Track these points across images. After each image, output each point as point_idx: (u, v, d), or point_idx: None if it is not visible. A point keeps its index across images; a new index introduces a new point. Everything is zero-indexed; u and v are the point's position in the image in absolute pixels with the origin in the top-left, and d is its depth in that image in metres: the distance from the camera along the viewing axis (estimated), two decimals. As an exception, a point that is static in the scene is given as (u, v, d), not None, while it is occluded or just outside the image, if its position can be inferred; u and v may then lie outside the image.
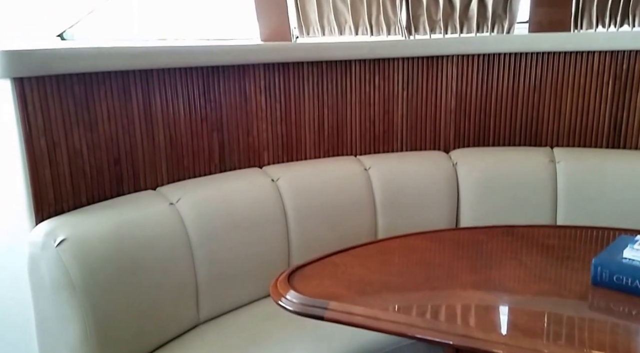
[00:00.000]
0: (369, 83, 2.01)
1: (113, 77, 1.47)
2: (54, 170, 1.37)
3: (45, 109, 1.34)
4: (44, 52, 1.34)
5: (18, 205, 1.35)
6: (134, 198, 1.52)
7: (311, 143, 1.98)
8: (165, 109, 1.62)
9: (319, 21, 2.26)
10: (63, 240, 1.27)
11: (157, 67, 1.57)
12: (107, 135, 1.48)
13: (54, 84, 1.35)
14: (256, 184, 1.76)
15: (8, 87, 1.28)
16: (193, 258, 1.52)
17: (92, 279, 1.29)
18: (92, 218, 1.38)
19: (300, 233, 1.77)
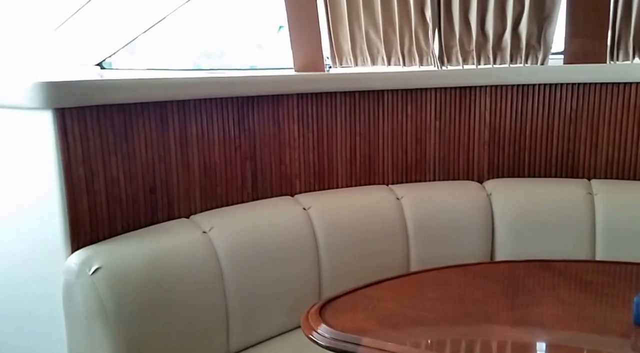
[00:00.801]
0: (401, 113, 2.01)
1: (151, 107, 1.51)
2: (91, 198, 1.40)
3: (84, 139, 1.37)
4: (85, 83, 1.38)
5: (55, 232, 1.37)
6: (168, 227, 1.53)
7: (343, 172, 1.98)
8: (201, 138, 1.65)
9: (352, 51, 2.29)
10: (98, 268, 1.29)
11: (193, 98, 1.61)
12: (143, 164, 1.51)
13: (94, 115, 1.39)
14: (288, 213, 1.76)
15: (49, 117, 1.31)
16: (224, 287, 1.53)
17: (125, 308, 1.30)
18: (127, 246, 1.40)
19: (331, 263, 1.76)
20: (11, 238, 1.51)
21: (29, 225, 1.45)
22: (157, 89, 1.52)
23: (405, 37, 2.22)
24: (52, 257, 1.39)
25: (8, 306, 1.57)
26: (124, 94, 1.44)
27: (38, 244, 1.43)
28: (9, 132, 1.44)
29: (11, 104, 1.37)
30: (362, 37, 2.25)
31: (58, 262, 1.36)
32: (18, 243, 1.49)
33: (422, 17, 2.18)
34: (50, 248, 1.39)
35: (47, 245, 1.40)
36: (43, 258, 1.43)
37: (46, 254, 1.41)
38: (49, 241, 1.39)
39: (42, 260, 1.44)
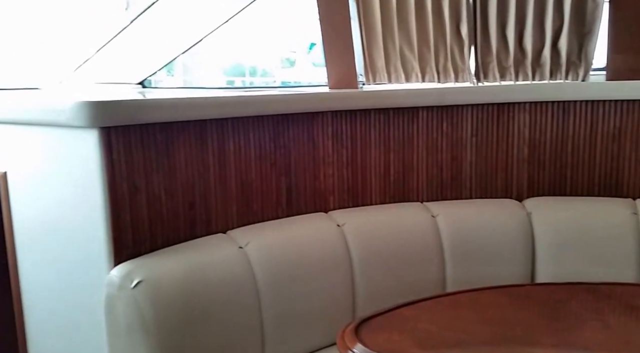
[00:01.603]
0: (437, 129, 1.99)
1: (191, 125, 1.54)
2: (133, 213, 1.43)
3: (128, 156, 1.41)
4: (129, 103, 1.43)
5: (99, 246, 1.41)
6: (205, 242, 1.56)
7: (377, 188, 1.97)
8: (238, 155, 1.67)
9: (386, 68, 2.28)
10: (139, 282, 1.32)
11: (231, 116, 1.64)
12: (183, 181, 1.54)
13: (137, 133, 1.43)
14: (322, 229, 1.76)
15: (95, 136, 1.36)
16: (260, 302, 1.53)
17: (165, 322, 1.32)
18: (167, 261, 1.42)
19: (365, 280, 1.74)
20: (57, 250, 1.56)
21: (75, 238, 1.49)
22: (196, 108, 1.56)
23: (440, 53, 2.20)
24: (96, 270, 1.42)
25: (53, 316, 1.61)
26: (165, 112, 1.48)
27: (82, 257, 1.47)
28: (56, 149, 1.49)
29: (58, 123, 1.42)
30: (396, 54, 2.25)
31: (101, 275, 1.39)
32: (64, 256, 1.54)
33: (458, 34, 2.17)
34: (94, 261, 1.42)
35: (91, 258, 1.44)
36: (87, 270, 1.47)
37: (90, 267, 1.45)
38: (93, 254, 1.42)
39: (86, 273, 1.47)
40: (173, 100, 1.53)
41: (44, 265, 1.61)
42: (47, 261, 1.59)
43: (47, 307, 1.63)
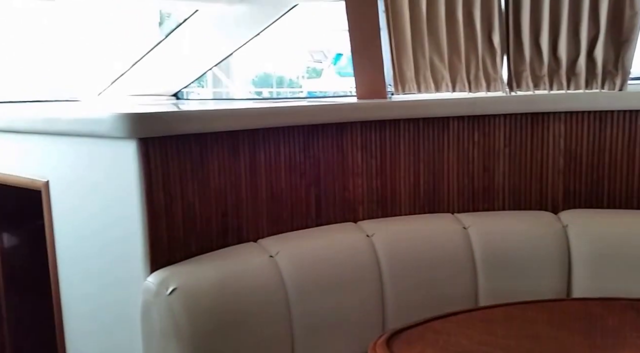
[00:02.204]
0: (468, 139, 1.96)
1: (224, 136, 1.57)
2: (169, 222, 1.47)
3: (164, 167, 1.45)
4: (166, 115, 1.48)
5: (136, 253, 1.45)
6: (237, 250, 1.57)
7: (406, 199, 1.95)
8: (268, 165, 1.68)
9: (415, 78, 2.27)
10: (174, 289, 1.34)
11: (262, 127, 1.66)
12: (216, 190, 1.57)
13: (173, 144, 1.47)
14: (351, 239, 1.75)
15: (134, 147, 1.40)
16: (290, 312, 1.53)
17: (198, 329, 1.34)
18: (200, 268, 1.44)
19: (395, 291, 1.72)
20: (96, 257, 1.60)
21: (113, 245, 1.53)
22: (229, 119, 1.60)
23: (472, 62, 2.18)
24: (133, 277, 1.45)
25: (91, 321, 1.64)
26: (200, 124, 1.52)
27: (120, 264, 1.51)
28: (96, 159, 1.54)
29: (98, 134, 1.47)
30: (426, 63, 2.23)
31: (138, 282, 1.43)
32: (102, 263, 1.58)
33: (490, 42, 2.14)
34: (131, 268, 1.46)
35: (128, 264, 1.47)
36: (124, 277, 1.51)
37: (127, 274, 1.49)
38: (130, 261, 1.46)
39: (123, 279, 1.51)
40: (207, 112, 1.57)
41: (82, 271, 1.65)
42: (86, 267, 1.64)
43: (86, 311, 1.67)
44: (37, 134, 1.68)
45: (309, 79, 15.32)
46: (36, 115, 1.70)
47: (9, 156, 1.83)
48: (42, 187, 1.67)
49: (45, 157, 1.69)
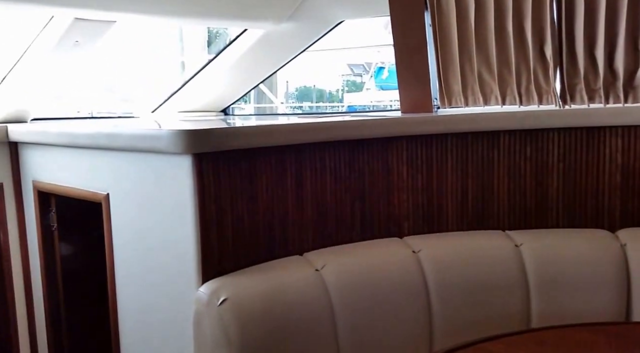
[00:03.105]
0: (519, 154, 1.91)
1: (272, 151, 1.60)
2: (220, 234, 1.51)
3: (216, 181, 1.49)
4: (218, 131, 1.54)
5: (189, 263, 1.49)
6: (283, 263, 1.59)
7: (454, 215, 1.91)
8: (314, 179, 1.70)
9: (463, 91, 2.23)
10: (225, 299, 1.37)
11: (308, 142, 1.68)
12: (264, 204, 1.59)
13: (225, 159, 1.51)
14: (397, 255, 1.73)
15: (188, 162, 1.44)
16: (336, 326, 1.53)
17: (247, 340, 1.36)
18: (249, 280, 1.47)
19: (443, 310, 1.68)
20: (151, 267, 1.66)
21: (167, 255, 1.59)
22: (277, 135, 1.64)
23: (523, 75, 2.12)
24: (186, 286, 1.50)
25: (145, 328, 1.69)
26: (249, 139, 1.57)
27: (174, 274, 1.56)
28: (153, 173, 1.61)
29: (155, 149, 1.54)
30: (474, 77, 2.19)
31: (190, 292, 1.47)
32: (156, 272, 1.63)
33: (542, 55, 2.08)
34: (184, 278, 1.50)
35: (181, 275, 1.52)
36: (177, 286, 1.55)
37: (180, 283, 1.53)
38: (183, 271, 1.51)
39: (176, 288, 1.56)
40: (256, 128, 1.61)
41: (138, 279, 1.71)
42: (141, 276, 1.69)
43: (140, 318, 1.72)
44: (99, 149, 1.76)
45: (348, 92, 15.41)
46: (98, 132, 1.79)
47: (73, 170, 1.92)
48: (102, 199, 1.75)
49: (106, 171, 1.77)
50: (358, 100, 13.02)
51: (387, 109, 7.11)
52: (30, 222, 2.16)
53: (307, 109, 12.79)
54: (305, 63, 9.56)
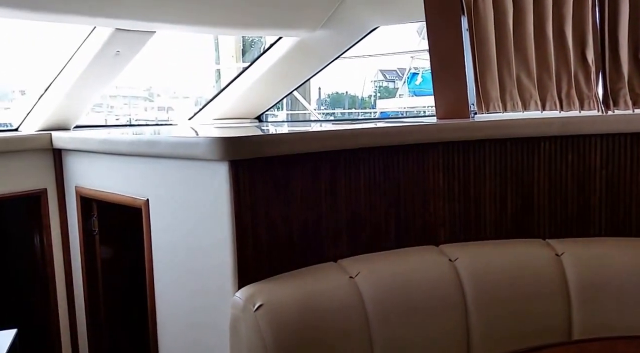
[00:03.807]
0: (560, 161, 1.85)
1: (306, 158, 1.61)
2: (255, 240, 1.52)
3: (252, 187, 1.51)
4: (254, 138, 1.56)
5: (225, 269, 1.51)
6: (318, 270, 1.59)
7: (492, 222, 1.87)
8: (348, 186, 1.69)
9: (501, 97, 2.19)
10: (261, 305, 1.38)
11: (343, 148, 1.67)
12: (298, 211, 1.60)
13: (260, 166, 1.52)
14: (433, 263, 1.70)
15: (225, 168, 1.46)
16: (370, 333, 1.51)
17: (282, 345, 1.37)
18: (283, 286, 1.48)
19: (481, 320, 1.64)
20: (188, 271, 1.68)
21: (204, 260, 1.61)
22: (311, 142, 1.64)
23: (563, 80, 2.07)
24: (222, 291, 1.52)
25: (182, 329, 1.72)
26: (284, 146, 1.58)
27: (210, 278, 1.58)
28: (191, 180, 1.63)
29: (193, 156, 1.57)
30: (513, 82, 2.15)
31: (226, 296, 1.48)
32: (193, 277, 1.66)
33: (583, 59, 2.02)
34: (220, 283, 1.52)
35: (217, 279, 1.54)
36: (214, 290, 1.57)
37: (216, 287, 1.55)
38: (220, 276, 1.53)
39: (213, 292, 1.58)
40: (290, 135, 1.62)
41: (176, 282, 1.74)
42: (179, 279, 1.72)
43: (178, 320, 1.75)
44: (139, 156, 1.81)
45: (380, 99, 15.33)
46: (139, 139, 1.84)
47: (114, 176, 1.98)
48: (142, 205, 1.79)
49: (145, 177, 1.81)
50: (391, 107, 12.95)
51: (421, 115, 7.04)
52: (73, 227, 2.22)
53: (339, 115, 12.81)
54: (337, 70, 9.60)
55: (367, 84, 14.87)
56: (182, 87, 8.57)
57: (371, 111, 13.93)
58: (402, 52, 11.44)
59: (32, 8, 1.90)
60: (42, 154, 2.22)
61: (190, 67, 7.36)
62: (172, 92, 12.46)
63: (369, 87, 15.38)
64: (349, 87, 14.82)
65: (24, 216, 2.24)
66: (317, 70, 2.92)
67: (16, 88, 16.08)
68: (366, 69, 13.99)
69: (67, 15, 1.99)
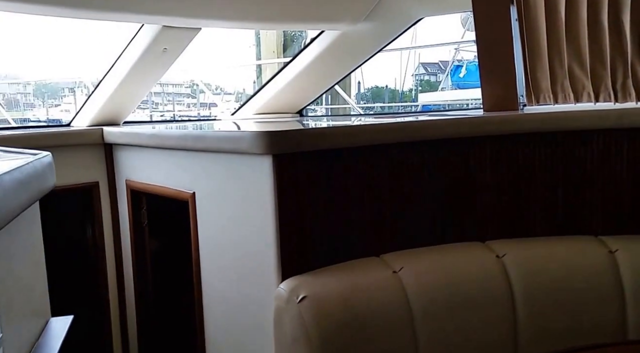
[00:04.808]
0: (615, 154, 1.78)
1: (350, 152, 1.60)
2: (299, 233, 1.53)
3: (295, 181, 1.52)
4: (297, 132, 1.56)
5: (269, 261, 1.53)
6: (360, 264, 1.58)
7: (541, 218, 1.81)
8: (392, 179, 1.68)
9: (552, 88, 2.12)
10: (304, 297, 1.39)
11: (386, 142, 1.67)
12: (341, 205, 1.59)
13: (304, 159, 1.53)
14: (480, 259, 1.67)
15: (269, 162, 1.48)
16: (414, 329, 1.50)
17: (326, 337, 1.37)
18: (326, 279, 1.48)
19: (530, 317, 1.60)
20: (233, 263, 1.72)
21: (248, 252, 1.63)
22: (355, 135, 1.64)
23: (619, 71, 1.98)
24: (266, 283, 1.54)
25: (227, 321, 1.76)
26: (328, 140, 1.58)
27: (254, 269, 1.60)
28: (235, 173, 1.66)
29: (238, 150, 1.59)
30: (564, 72, 2.07)
31: (270, 288, 1.50)
32: (238, 267, 1.69)
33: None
34: (265, 275, 1.54)
35: (262, 271, 1.56)
36: (258, 282, 1.59)
37: (261, 279, 1.57)
38: (264, 268, 1.54)
39: (257, 284, 1.60)
40: (333, 129, 1.62)
41: (221, 273, 1.77)
42: (224, 270, 1.76)
43: (223, 309, 1.79)
44: (186, 150, 1.85)
45: (422, 92, 15.09)
46: (186, 134, 1.88)
47: (162, 170, 2.03)
48: (189, 198, 1.83)
49: (192, 171, 1.85)
50: (433, 100, 12.73)
51: (464, 108, 6.89)
52: (123, 218, 2.30)
53: (379, 109, 12.73)
54: (376, 64, 9.53)
55: (407, 78, 14.69)
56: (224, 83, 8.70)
57: (412, 105, 13.75)
58: (446, 44, 11.22)
59: (80, 6, 1.96)
60: (94, 149, 2.31)
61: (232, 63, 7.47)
62: (214, 89, 12.66)
63: (410, 80, 15.19)
64: (389, 81, 14.67)
65: (77, 208, 2.33)
66: (359, 63, 2.90)
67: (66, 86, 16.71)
68: (407, 63, 13.81)
69: (115, 13, 2.05)
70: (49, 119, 14.74)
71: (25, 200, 0.86)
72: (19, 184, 0.82)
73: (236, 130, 1.87)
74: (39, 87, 17.52)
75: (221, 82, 8.42)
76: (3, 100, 14.58)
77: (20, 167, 0.85)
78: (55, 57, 22.66)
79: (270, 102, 3.06)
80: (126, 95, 2.45)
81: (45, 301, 1.11)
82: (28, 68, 24.96)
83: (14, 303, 0.89)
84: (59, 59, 17.96)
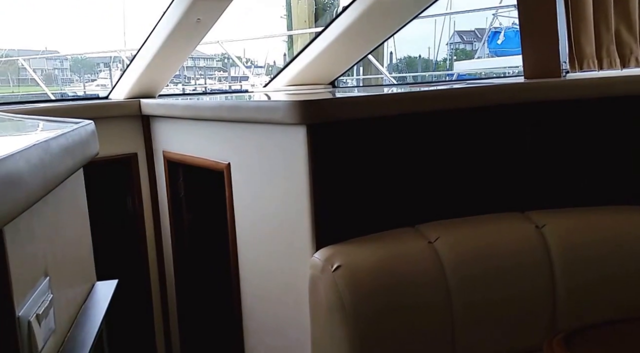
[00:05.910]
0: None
1: (385, 121, 1.58)
2: (333, 203, 1.53)
3: (329, 151, 1.51)
4: (331, 101, 1.55)
5: (304, 230, 1.53)
6: (395, 234, 1.57)
7: (585, 188, 1.76)
8: (428, 149, 1.65)
9: (597, 53, 2.02)
10: (339, 266, 1.39)
11: (421, 111, 1.63)
12: (376, 174, 1.58)
13: (338, 129, 1.52)
14: (518, 230, 1.63)
15: (303, 132, 1.47)
16: (450, 300, 1.49)
17: (360, 307, 1.38)
18: (361, 249, 1.48)
19: (569, 288, 1.57)
20: (268, 233, 1.73)
21: (283, 222, 1.64)
22: (389, 104, 1.61)
23: (671, 33, 1.87)
24: (301, 252, 1.55)
25: (263, 288, 1.79)
26: (361, 109, 1.55)
27: (290, 240, 1.61)
28: (270, 144, 1.66)
29: (272, 120, 1.59)
30: (611, 37, 1.97)
31: (305, 257, 1.51)
32: (273, 238, 1.71)
33: (697, 7, 1.81)
34: (299, 244, 1.55)
35: (297, 240, 1.57)
36: (293, 251, 1.61)
37: (296, 248, 1.58)
38: (299, 237, 1.55)
39: (292, 253, 1.61)
40: (367, 98, 1.59)
41: (257, 243, 1.80)
42: (260, 240, 1.78)
43: (259, 279, 1.82)
44: (221, 121, 1.86)
45: (457, 61, 14.66)
46: (221, 105, 1.89)
47: (197, 141, 2.05)
48: (224, 168, 1.85)
49: (227, 141, 1.86)
50: (469, 68, 12.38)
51: (503, 75, 6.68)
52: (161, 189, 2.35)
53: (412, 79, 12.48)
54: (410, 33, 9.30)
55: (442, 47, 14.31)
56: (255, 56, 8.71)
57: (446, 73, 13.42)
58: (483, 9, 10.85)
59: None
60: (132, 120, 2.35)
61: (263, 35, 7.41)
62: (245, 61, 12.64)
63: (444, 50, 14.80)
64: (422, 50, 14.34)
65: (117, 179, 2.39)
66: (393, 31, 2.83)
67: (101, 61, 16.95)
68: (441, 31, 13.44)
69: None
70: (86, 94, 15.10)
71: (71, 165, 0.89)
72: (65, 150, 0.84)
73: (270, 100, 1.87)
74: (76, 62, 17.89)
75: (252, 55, 8.43)
76: (42, 75, 14.99)
77: (65, 134, 0.87)
78: (92, 31, 22.97)
79: (302, 73, 3.02)
80: (161, 67, 2.46)
81: (90, 265, 1.15)
82: (66, 42, 25.41)
83: (63, 265, 0.92)
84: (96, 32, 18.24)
